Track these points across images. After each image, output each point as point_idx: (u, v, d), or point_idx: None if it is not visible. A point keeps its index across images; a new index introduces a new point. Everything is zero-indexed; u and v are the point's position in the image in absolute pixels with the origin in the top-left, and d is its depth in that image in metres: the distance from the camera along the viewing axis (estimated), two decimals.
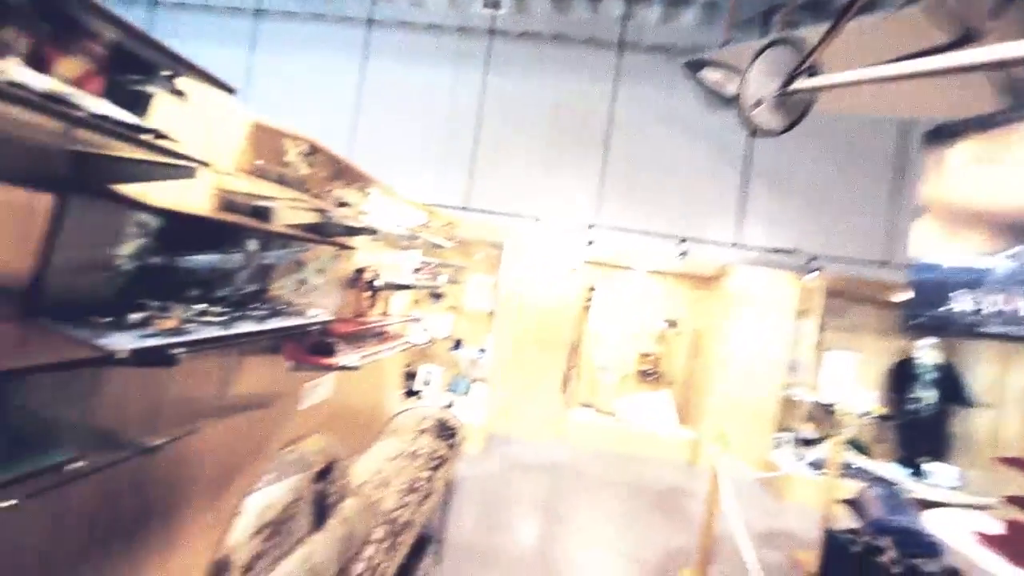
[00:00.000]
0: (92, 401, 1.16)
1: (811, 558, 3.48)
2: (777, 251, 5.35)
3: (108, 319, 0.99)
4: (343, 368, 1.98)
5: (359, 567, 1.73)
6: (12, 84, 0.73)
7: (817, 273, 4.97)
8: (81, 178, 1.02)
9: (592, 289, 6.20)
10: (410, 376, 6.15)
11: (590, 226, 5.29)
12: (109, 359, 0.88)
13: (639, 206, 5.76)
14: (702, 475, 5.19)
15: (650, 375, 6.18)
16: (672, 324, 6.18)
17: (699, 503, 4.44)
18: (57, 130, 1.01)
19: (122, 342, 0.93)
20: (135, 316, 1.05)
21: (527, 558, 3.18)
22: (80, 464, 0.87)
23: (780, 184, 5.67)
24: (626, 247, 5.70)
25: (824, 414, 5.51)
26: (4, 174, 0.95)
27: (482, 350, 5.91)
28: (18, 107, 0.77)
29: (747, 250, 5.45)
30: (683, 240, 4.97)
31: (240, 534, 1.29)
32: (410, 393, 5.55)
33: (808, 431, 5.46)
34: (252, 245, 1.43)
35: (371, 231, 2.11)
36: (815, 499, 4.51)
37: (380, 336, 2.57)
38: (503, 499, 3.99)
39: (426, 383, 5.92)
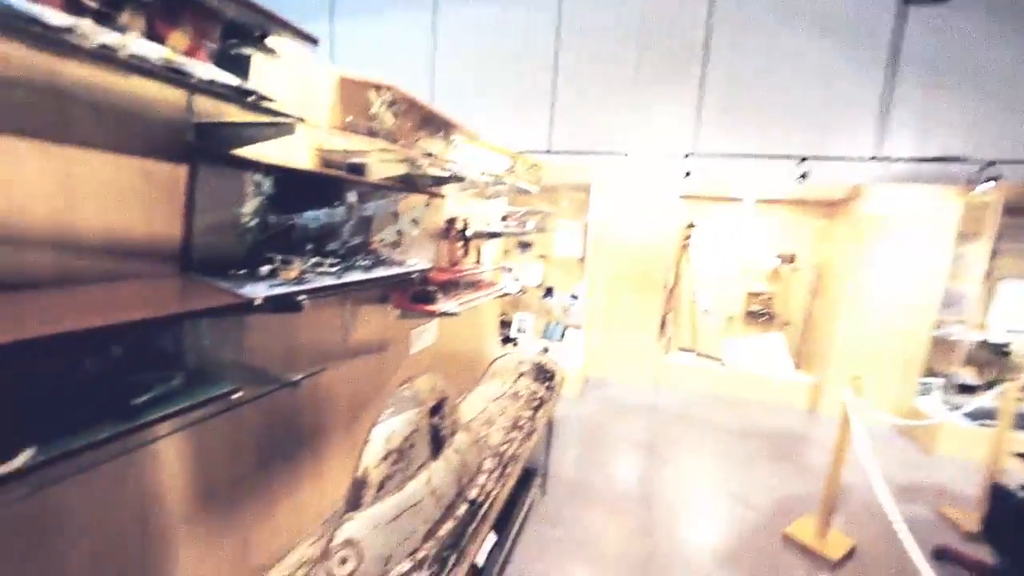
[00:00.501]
0: (244, 345, 1.35)
1: (966, 515, 3.04)
2: (937, 160, 4.33)
3: (242, 272, 1.12)
4: (443, 315, 2.09)
5: (473, 492, 1.89)
6: (134, 56, 0.79)
7: (993, 184, 3.95)
8: (205, 147, 1.13)
9: (691, 226, 5.70)
10: (505, 324, 6.39)
11: (687, 155, 4.76)
12: (250, 305, 0.99)
13: (746, 126, 5.03)
14: (822, 423, 4.74)
15: (761, 316, 5.64)
16: (788, 259, 5.48)
17: (818, 451, 4.09)
18: (180, 104, 1.11)
19: (257, 291, 1.05)
20: (264, 269, 1.17)
21: (630, 494, 3.23)
22: (241, 394, 1.02)
23: (940, 75, 4.49)
24: (730, 175, 5.07)
25: (992, 356, 4.58)
26: (155, 151, 1.08)
27: (574, 296, 5.86)
28: (141, 77, 0.85)
29: (891, 163, 4.51)
30: (803, 160, 4.24)
31: (371, 459, 1.46)
32: (506, 340, 5.78)
33: (967, 376, 4.62)
34: (351, 198, 1.50)
35: (458, 178, 2.11)
36: (972, 452, 3.88)
37: (475, 284, 2.65)
38: (603, 439, 4.06)
39: (520, 331, 6.10)
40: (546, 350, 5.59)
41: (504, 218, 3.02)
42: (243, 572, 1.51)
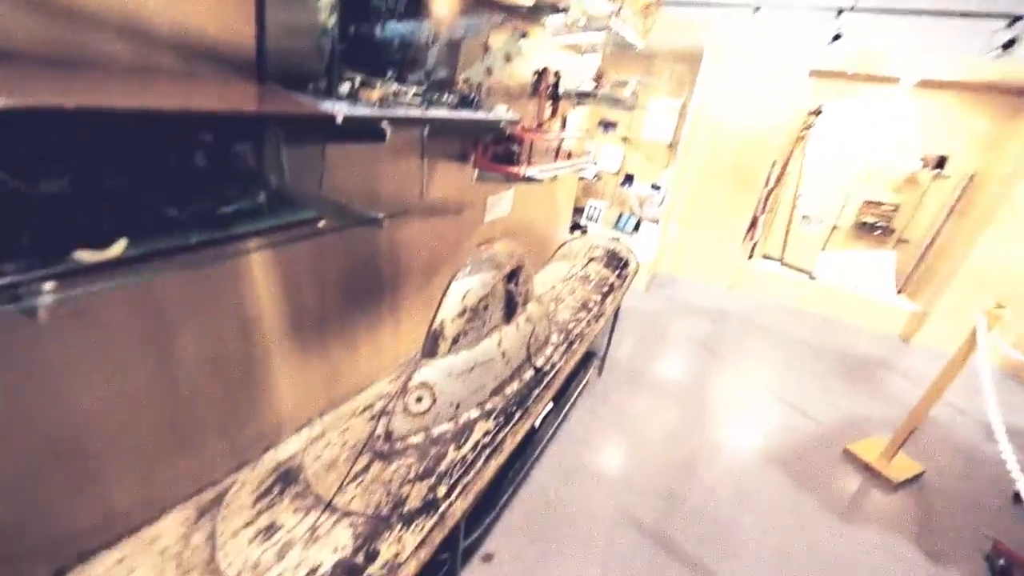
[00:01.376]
0: (324, 181, 1.28)
1: None
2: None
3: (322, 87, 0.99)
4: (526, 179, 1.90)
5: (540, 360, 1.91)
6: None
7: None
8: None
9: (816, 113, 4.73)
10: (576, 211, 6.10)
11: (841, 11, 3.69)
12: (331, 122, 0.87)
13: None
14: (914, 353, 4.31)
15: (874, 230, 4.88)
16: (934, 164, 4.48)
17: (901, 380, 3.78)
18: None
19: (338, 108, 0.92)
20: (343, 88, 1.03)
21: (684, 388, 3.23)
22: (324, 223, 0.96)
23: None
24: (890, 45, 3.94)
25: None
26: None
27: (656, 187, 5.35)
28: None
29: None
30: (1014, 21, 3.12)
31: (447, 312, 1.46)
32: (574, 228, 5.56)
33: None
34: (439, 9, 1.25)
35: (556, 8, 1.73)
36: None
37: (558, 153, 2.39)
38: (664, 335, 3.99)
39: (590, 219, 5.81)
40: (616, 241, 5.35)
41: (596, 79, 2.57)
42: (330, 396, 1.68)
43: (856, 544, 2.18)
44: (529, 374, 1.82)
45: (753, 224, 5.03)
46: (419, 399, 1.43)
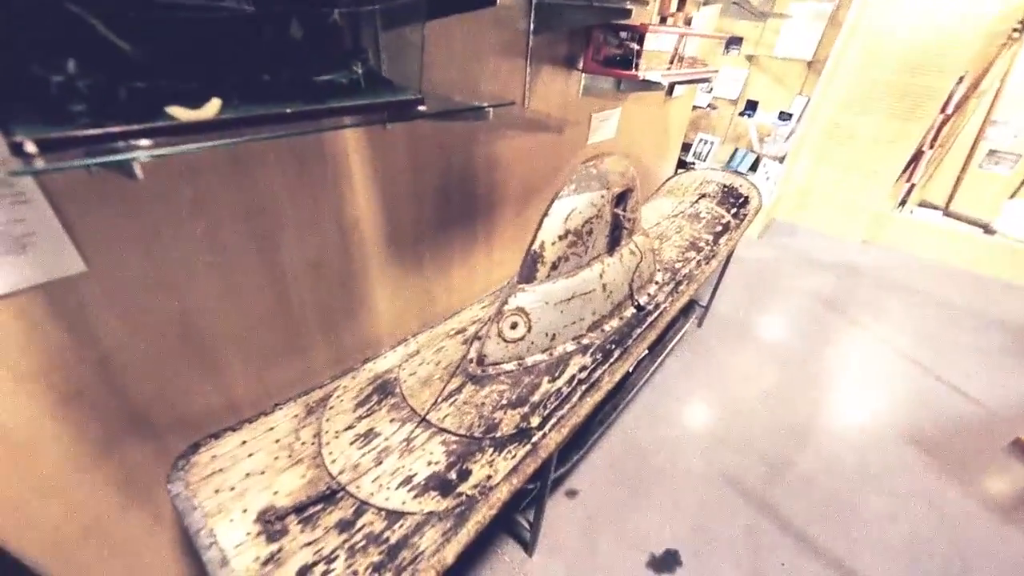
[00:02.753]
0: (423, 69, 1.15)
1: None
2: None
3: None
4: (646, 84, 1.61)
5: (643, 298, 1.71)
6: None
7: None
8: None
9: None
10: (682, 146, 5.43)
11: None
12: None
13: None
14: None
15: None
16: None
17: None
18: None
19: None
20: None
21: (798, 347, 2.82)
22: (424, 107, 0.84)
23: None
24: None
25: None
26: None
27: (785, 116, 4.52)
28: None
29: None
30: None
31: (548, 234, 1.31)
32: (679, 165, 4.97)
33: None
34: None
35: None
36: None
37: (682, 60, 2.00)
38: (777, 288, 3.50)
39: (698, 156, 5.15)
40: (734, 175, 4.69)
41: None
42: (424, 317, 1.67)
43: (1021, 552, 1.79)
44: (630, 312, 1.64)
45: (915, 161, 4.07)
46: (514, 325, 1.34)
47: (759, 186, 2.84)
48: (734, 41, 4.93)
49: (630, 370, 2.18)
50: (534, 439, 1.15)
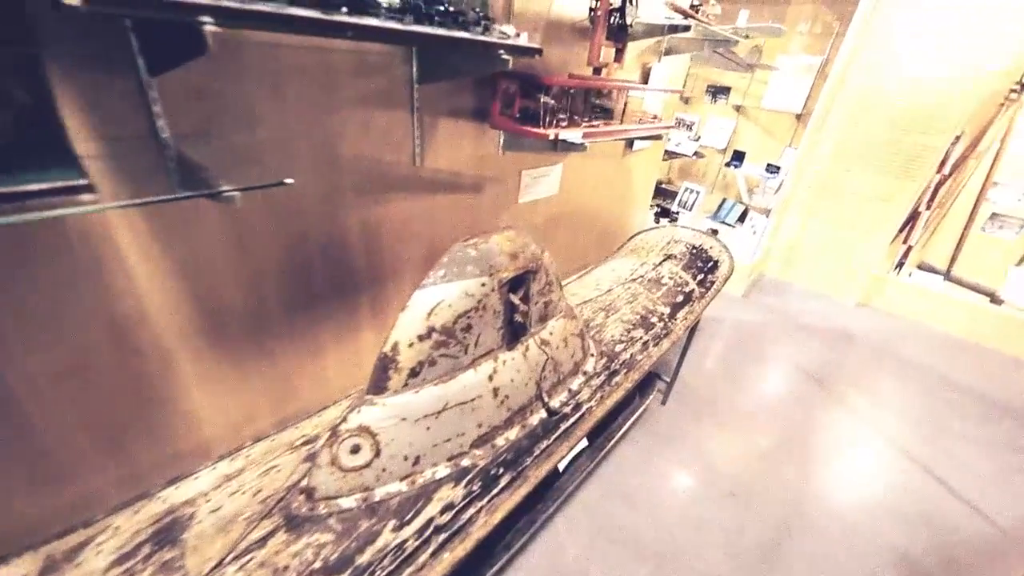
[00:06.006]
0: (250, 124, 0.89)
1: None
2: None
3: None
4: (562, 144, 1.36)
5: (558, 399, 1.40)
6: None
7: None
8: None
9: None
10: (665, 194, 5.22)
11: None
12: None
13: None
14: None
15: None
16: None
17: None
18: None
19: None
20: None
21: (776, 431, 2.46)
22: (94, 196, 0.56)
23: None
24: None
25: None
26: None
27: (773, 168, 4.30)
28: None
29: None
30: None
31: (405, 333, 1.02)
32: (662, 214, 4.74)
33: None
34: None
35: None
36: None
37: (621, 112, 1.77)
38: (760, 356, 3.16)
39: (684, 206, 4.92)
40: (714, 233, 4.43)
41: (695, 6, 1.82)
42: (287, 411, 1.36)
43: None
44: (537, 418, 1.33)
45: (912, 221, 3.79)
46: (355, 449, 1.02)
47: (732, 248, 2.56)
48: (720, 91, 4.80)
49: (560, 469, 1.84)
50: None
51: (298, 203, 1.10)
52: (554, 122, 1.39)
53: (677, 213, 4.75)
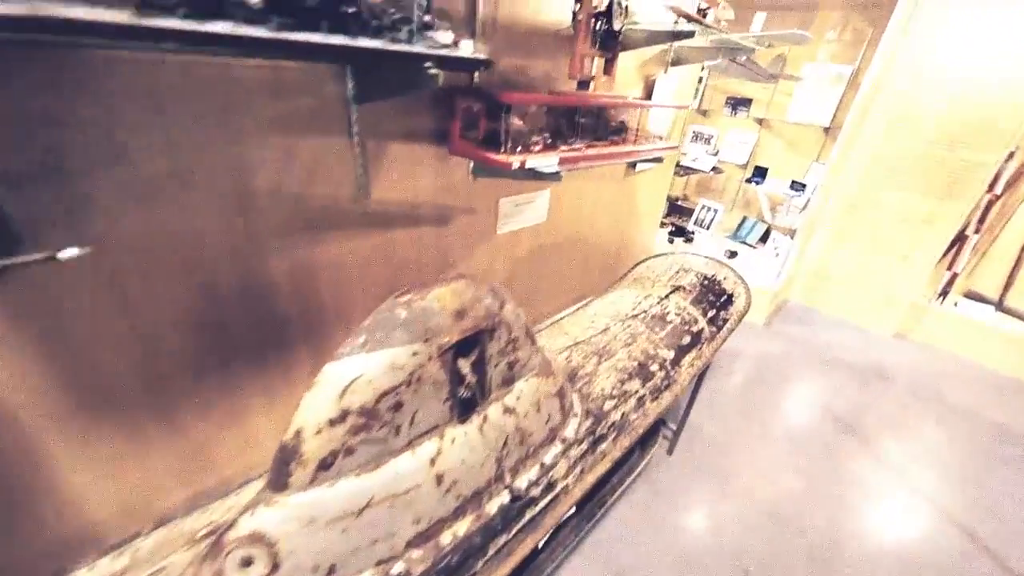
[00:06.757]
0: (114, 159, 0.70)
1: None
2: None
3: None
4: (530, 173, 1.14)
5: (526, 478, 1.16)
6: None
7: None
8: None
9: None
10: (681, 211, 4.93)
11: None
12: None
13: None
14: None
15: None
16: None
17: None
18: None
19: None
20: None
21: (799, 490, 2.15)
22: None
23: None
24: None
25: None
26: None
27: (798, 185, 3.99)
28: None
29: None
30: None
31: (310, 417, 0.81)
32: (677, 233, 4.46)
33: None
34: None
35: None
36: None
37: (615, 132, 1.54)
38: (783, 396, 2.84)
39: (701, 224, 4.62)
40: (733, 255, 4.12)
41: (703, 11, 1.58)
42: (207, 483, 1.16)
43: None
44: (496, 504, 1.09)
45: (958, 245, 3.41)
46: (247, 562, 0.81)
47: (749, 278, 2.28)
48: (741, 103, 4.51)
49: (539, 547, 1.59)
50: None
51: (198, 252, 0.91)
52: (526, 146, 1.17)
53: (693, 233, 4.46)
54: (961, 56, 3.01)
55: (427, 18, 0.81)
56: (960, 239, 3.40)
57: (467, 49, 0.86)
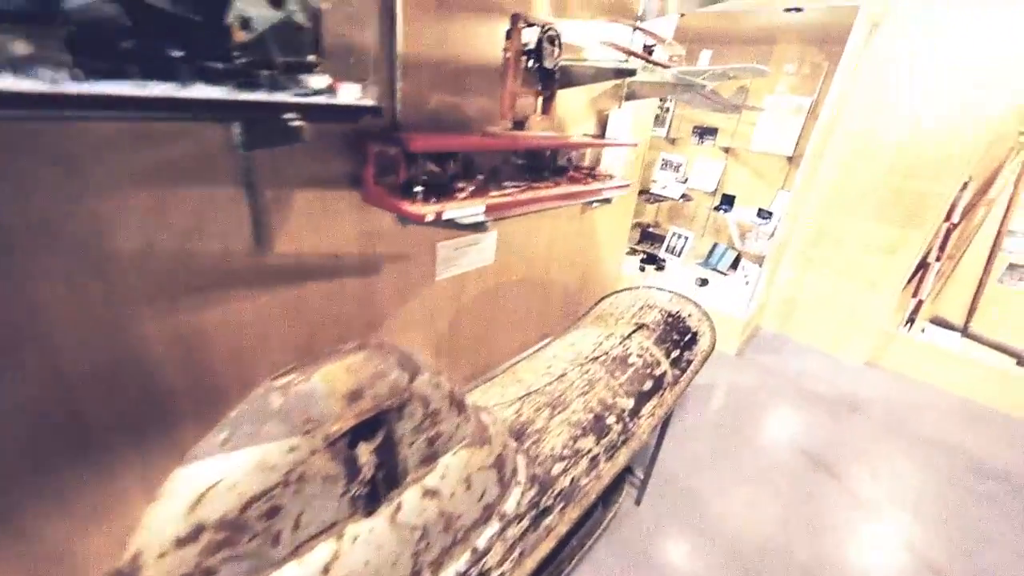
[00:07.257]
0: None
1: None
2: None
3: None
4: (447, 224, 1.03)
5: (454, 569, 1.00)
6: None
7: None
8: None
9: None
10: (654, 239, 4.92)
11: None
12: None
13: None
14: None
15: None
16: None
17: None
18: None
19: None
20: None
21: (774, 536, 2.02)
22: None
23: None
24: None
25: None
26: None
27: (765, 213, 4.01)
28: None
29: None
30: None
31: (154, 535, 0.66)
32: (648, 261, 4.42)
33: None
34: None
35: None
36: None
37: (558, 172, 1.46)
38: (755, 433, 2.74)
39: (672, 251, 4.61)
40: (704, 283, 4.09)
41: (649, 48, 1.53)
42: None
43: None
44: None
45: (921, 272, 3.44)
46: None
47: (713, 315, 2.20)
48: (707, 131, 4.58)
49: None
50: None
51: (32, 328, 0.76)
52: (449, 192, 1.07)
53: (664, 261, 4.43)
54: (912, 89, 3.09)
55: (309, 58, 0.71)
56: (923, 266, 3.42)
57: (350, 95, 0.75)
